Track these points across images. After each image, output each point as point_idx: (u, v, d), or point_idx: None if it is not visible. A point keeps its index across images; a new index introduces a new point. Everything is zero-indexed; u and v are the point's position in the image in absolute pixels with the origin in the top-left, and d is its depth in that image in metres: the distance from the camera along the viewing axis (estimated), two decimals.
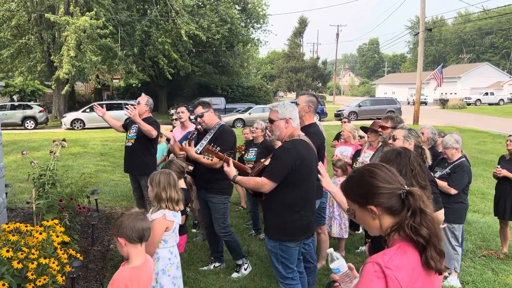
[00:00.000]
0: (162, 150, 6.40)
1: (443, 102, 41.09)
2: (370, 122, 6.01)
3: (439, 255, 1.43)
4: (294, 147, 3.19)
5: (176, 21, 26.44)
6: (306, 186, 3.26)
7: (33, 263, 2.94)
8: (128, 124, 5.60)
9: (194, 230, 6.02)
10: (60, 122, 24.14)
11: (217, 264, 4.72)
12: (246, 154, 5.81)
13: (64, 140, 4.84)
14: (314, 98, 4.08)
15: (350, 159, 5.46)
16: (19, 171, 9.82)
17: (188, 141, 4.29)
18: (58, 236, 3.32)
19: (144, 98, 5.48)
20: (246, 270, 4.57)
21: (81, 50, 23.34)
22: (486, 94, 46.78)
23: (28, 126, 23.10)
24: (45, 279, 2.97)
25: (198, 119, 4.40)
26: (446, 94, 43.53)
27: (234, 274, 4.52)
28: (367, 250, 3.14)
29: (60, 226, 3.49)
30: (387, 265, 1.38)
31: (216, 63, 35.46)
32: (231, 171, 3.33)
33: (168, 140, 6.52)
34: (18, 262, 2.91)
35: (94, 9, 23.03)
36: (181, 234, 3.71)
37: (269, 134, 3.95)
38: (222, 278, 4.47)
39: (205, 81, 36.95)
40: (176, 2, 26.26)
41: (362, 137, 5.29)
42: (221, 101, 28.69)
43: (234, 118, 24.86)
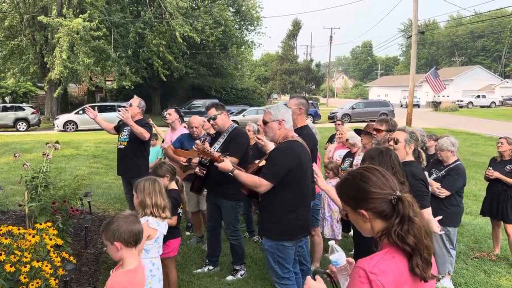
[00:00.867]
0: (156, 153, 6.39)
1: (436, 105, 41.38)
2: (363, 124, 6.04)
3: (426, 264, 1.43)
4: (289, 148, 3.24)
5: (170, 23, 26.41)
6: (301, 186, 3.31)
7: (25, 266, 2.92)
8: (120, 126, 5.57)
9: (187, 233, 6.00)
10: (52, 124, 23.97)
11: (211, 267, 4.71)
12: None
13: (57, 142, 4.81)
14: (304, 100, 4.11)
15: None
16: (11, 173, 9.74)
17: (202, 141, 4.28)
18: (51, 239, 3.30)
19: (136, 100, 5.45)
20: (241, 276, 4.56)
21: (74, 52, 23.21)
22: (478, 96, 47.19)
23: (20, 128, 22.91)
24: (38, 283, 2.95)
25: (211, 122, 4.39)
26: (439, 96, 43.78)
27: (229, 277, 4.51)
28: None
29: (53, 229, 3.46)
30: (372, 270, 1.38)
31: (210, 65, 35.43)
32: (226, 165, 3.36)
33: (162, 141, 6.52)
34: (11, 266, 2.88)
35: (88, 11, 22.93)
36: (174, 237, 3.70)
37: (257, 139, 3.94)
38: (216, 281, 4.46)
39: (199, 83, 36.90)
40: (170, 4, 26.23)
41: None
42: None
43: None
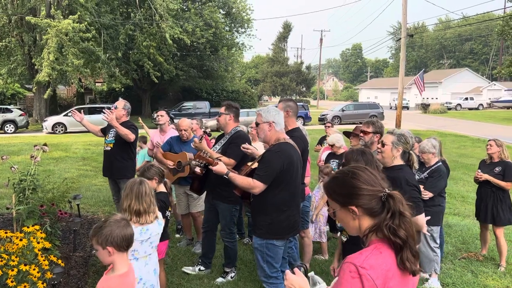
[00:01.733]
0: (143, 156, 6.37)
1: (425, 107, 41.77)
2: (353, 126, 6.09)
3: (414, 257, 1.48)
4: (281, 150, 3.34)
5: (160, 24, 26.34)
6: (292, 186, 3.42)
7: (13, 270, 2.90)
8: (106, 128, 5.58)
9: (177, 235, 5.99)
10: (41, 126, 23.71)
11: (202, 268, 4.70)
12: None
13: (45, 144, 4.77)
14: (291, 103, 4.17)
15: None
16: None
17: (200, 139, 4.29)
18: (38, 242, 3.27)
19: (121, 103, 5.47)
20: (232, 278, 4.56)
21: (62, 53, 23.02)
22: (466, 99, 47.75)
23: (8, 130, 22.63)
24: (25, 286, 2.93)
25: (216, 117, 4.60)
26: (428, 99, 44.34)
27: (219, 279, 4.51)
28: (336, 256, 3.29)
29: (41, 232, 3.44)
30: (362, 264, 1.42)
31: (200, 67, 35.39)
32: (221, 168, 3.43)
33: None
34: None
35: (78, 12, 22.76)
36: (162, 240, 3.69)
37: (243, 149, 3.98)
38: (206, 283, 4.45)
39: (189, 85, 36.83)
40: (160, 6, 26.16)
41: (333, 145, 5.44)
42: (205, 105, 28.52)
43: None
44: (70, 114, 23.22)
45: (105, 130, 5.62)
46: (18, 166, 4.69)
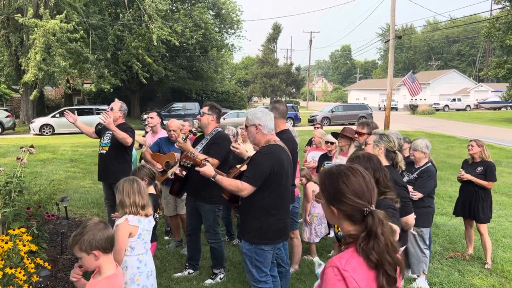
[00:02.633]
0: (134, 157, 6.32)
1: (413, 108, 42.18)
2: (342, 127, 6.11)
3: (389, 279, 1.47)
4: (271, 152, 3.29)
5: (149, 25, 26.20)
6: (282, 189, 3.36)
7: None
8: (101, 130, 5.44)
9: (166, 237, 5.96)
10: (28, 128, 23.42)
11: (191, 271, 4.69)
12: None
13: (32, 146, 4.72)
14: (277, 104, 4.17)
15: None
16: None
17: (184, 140, 4.27)
18: (24, 245, 3.23)
19: (117, 104, 5.34)
20: (221, 279, 4.55)
21: (50, 54, 22.77)
22: (454, 100, 48.33)
23: None
24: None
25: (198, 116, 4.52)
26: (416, 100, 44.71)
27: (208, 281, 4.50)
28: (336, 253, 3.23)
29: (27, 235, 3.40)
30: (345, 267, 1.44)
31: (190, 68, 35.30)
32: (208, 171, 3.35)
33: (140, 145, 6.44)
34: None
35: (65, 12, 22.53)
36: (150, 242, 3.68)
37: (233, 148, 3.99)
38: (195, 285, 4.44)
39: (178, 85, 36.70)
40: (149, 6, 26.03)
41: (332, 143, 5.38)
42: (195, 106, 28.39)
43: None
44: (58, 115, 22.90)
45: (99, 132, 5.47)
46: (4, 168, 4.64)
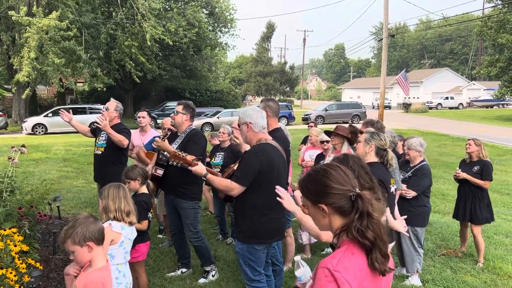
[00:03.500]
0: None
1: (406, 106, 42.36)
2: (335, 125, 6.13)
3: (384, 258, 1.48)
4: (260, 151, 3.27)
5: (142, 24, 26.08)
6: (274, 188, 3.29)
7: None
8: (96, 130, 5.36)
9: (160, 236, 5.95)
10: (20, 127, 23.27)
11: (184, 269, 4.68)
12: (213, 158, 5.80)
13: (23, 145, 4.68)
14: (270, 102, 4.15)
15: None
16: None
17: (162, 138, 4.26)
18: (16, 245, 3.21)
19: (113, 104, 5.24)
20: (213, 276, 4.55)
21: (43, 52, 22.60)
22: (447, 98, 48.60)
23: None
24: None
25: (171, 115, 4.48)
26: (409, 98, 44.96)
27: (201, 280, 4.49)
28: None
29: (18, 235, 3.38)
30: (336, 268, 1.42)
31: (183, 67, 35.19)
32: (200, 169, 3.36)
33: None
34: None
35: (59, 10, 22.34)
36: (143, 241, 3.67)
37: (234, 138, 4.00)
38: (188, 284, 4.43)
39: (172, 84, 36.58)
40: (142, 5, 25.90)
41: (328, 141, 5.39)
42: None
43: (203, 122, 24.73)
44: (50, 114, 22.71)
45: (95, 131, 5.40)
46: None
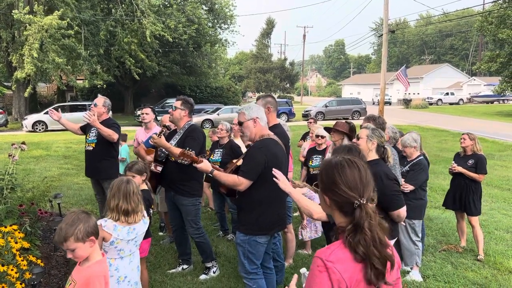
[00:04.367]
0: (124, 152, 6.31)
1: (407, 102, 42.31)
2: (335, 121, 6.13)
3: (378, 273, 1.45)
4: (265, 146, 3.33)
5: (141, 21, 26.02)
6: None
7: None
8: (86, 126, 5.40)
9: (161, 233, 5.95)
10: (21, 125, 23.27)
11: (185, 266, 4.69)
12: (212, 155, 5.81)
13: (23, 143, 4.69)
14: (270, 99, 4.17)
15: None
16: None
17: (158, 135, 4.26)
18: (16, 242, 3.21)
19: (100, 100, 5.28)
20: (214, 273, 4.56)
21: (43, 50, 22.56)
22: (447, 94, 48.55)
23: None
24: (3, 287, 2.88)
25: (170, 110, 4.47)
26: (409, 94, 44.91)
27: (202, 276, 4.50)
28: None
29: (19, 232, 3.38)
30: (328, 258, 1.44)
31: (183, 64, 35.12)
32: (206, 166, 3.39)
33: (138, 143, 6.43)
34: None
35: (61, 9, 22.29)
36: (144, 238, 3.67)
37: (236, 132, 4.01)
38: (190, 280, 4.44)
39: (172, 81, 36.55)
40: (141, 1, 25.83)
41: (323, 136, 5.40)
42: None
43: (203, 118, 24.74)
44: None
45: (85, 128, 5.45)
46: None
